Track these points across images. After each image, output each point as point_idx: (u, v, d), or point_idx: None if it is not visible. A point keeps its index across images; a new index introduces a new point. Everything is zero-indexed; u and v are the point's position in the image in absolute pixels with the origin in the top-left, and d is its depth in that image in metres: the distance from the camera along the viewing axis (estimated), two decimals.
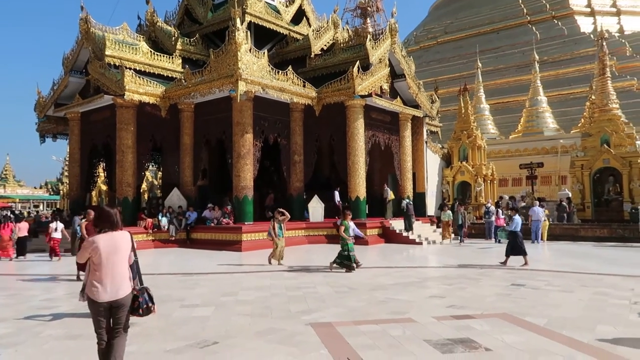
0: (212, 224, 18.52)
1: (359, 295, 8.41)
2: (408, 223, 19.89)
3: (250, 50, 18.09)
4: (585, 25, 41.47)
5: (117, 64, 18.98)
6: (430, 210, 24.26)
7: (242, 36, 17.56)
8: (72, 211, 21.38)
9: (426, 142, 25.07)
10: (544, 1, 44.15)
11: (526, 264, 11.96)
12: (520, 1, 45.28)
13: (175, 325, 6.40)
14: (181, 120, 20.26)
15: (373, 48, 20.64)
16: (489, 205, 21.12)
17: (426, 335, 5.66)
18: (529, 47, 38.08)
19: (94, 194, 28.80)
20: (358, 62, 19.68)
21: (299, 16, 25.86)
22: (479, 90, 35.95)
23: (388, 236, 19.73)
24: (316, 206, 20.18)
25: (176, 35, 22.21)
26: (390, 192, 21.27)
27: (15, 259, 15.47)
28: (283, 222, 13.17)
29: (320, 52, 23.12)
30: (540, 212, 19.02)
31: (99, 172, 25.76)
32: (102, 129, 21.22)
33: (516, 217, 12.68)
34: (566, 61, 38.52)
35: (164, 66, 20.81)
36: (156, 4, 23.97)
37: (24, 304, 8.11)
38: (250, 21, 22.20)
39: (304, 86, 19.87)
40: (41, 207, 56.52)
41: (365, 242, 18.47)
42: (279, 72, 18.97)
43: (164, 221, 18.55)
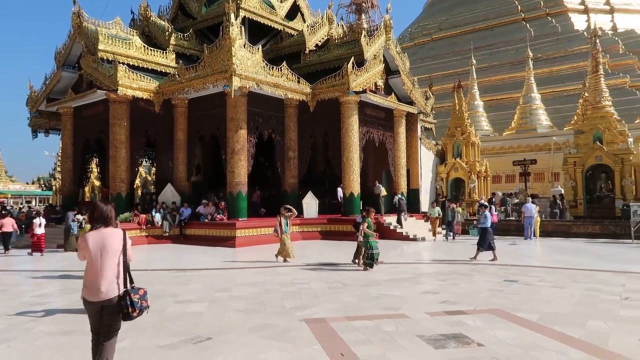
0: (206, 220, 18.49)
1: (352, 291, 8.44)
2: (399, 218, 19.98)
3: (244, 45, 18.02)
4: (578, 22, 41.61)
5: (110, 58, 18.85)
6: (424, 207, 24.33)
7: (236, 31, 17.48)
8: (64, 207, 21.25)
9: (420, 139, 25.13)
10: None
11: (495, 259, 12.21)
12: None
13: (169, 320, 6.40)
14: (175, 116, 20.17)
15: (368, 44, 20.62)
16: (482, 201, 21.18)
17: (419, 331, 5.69)
18: (523, 44, 38.18)
19: (86, 189, 28.66)
20: (353, 58, 19.67)
21: (294, 12, 25.78)
22: (473, 87, 36.04)
23: (382, 232, 19.70)
24: (310, 202, 20.19)
25: (170, 30, 22.08)
26: (382, 188, 21.30)
27: (2, 254, 15.46)
28: (289, 219, 13.05)
29: (314, 48, 23.07)
30: (533, 209, 19.13)
31: (92, 168, 25.61)
32: (95, 124, 21.09)
33: (486, 213, 12.87)
34: (560, 58, 38.65)
35: (158, 61, 20.69)
36: None
37: (15, 299, 8.07)
38: (245, 16, 22.10)
39: (299, 82, 19.84)
40: (33, 202, 56.15)
41: None
42: (273, 67, 18.92)
43: (157, 217, 18.49)
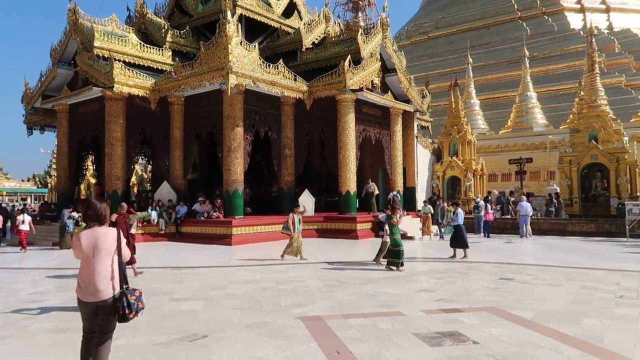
0: (202, 218, 18.46)
1: (348, 289, 8.45)
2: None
3: (241, 43, 17.97)
4: (575, 21, 41.72)
5: (106, 55, 18.77)
6: (420, 205, 24.35)
7: (233, 29, 17.44)
8: (60, 204, 21.19)
9: (417, 137, 25.15)
10: None
11: (465, 257, 12.38)
12: None
13: (165, 318, 6.39)
14: (171, 113, 20.12)
15: (364, 42, 20.61)
16: (478, 200, 21.24)
17: (415, 329, 5.71)
18: (519, 43, 38.26)
19: (82, 187, 28.59)
20: (349, 56, 19.65)
21: (290, 9, 25.73)
22: (469, 85, 36.08)
23: (378, 231, 19.77)
24: (307, 200, 20.17)
25: (166, 27, 21.99)
26: (375, 186, 21.30)
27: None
28: (300, 217, 12.98)
29: (311, 46, 23.04)
30: (528, 207, 19.20)
31: (87, 165, 25.52)
32: (90, 121, 21.01)
33: (459, 211, 13.00)
34: (556, 57, 38.75)
35: (154, 58, 20.62)
36: None
37: (11, 297, 8.05)
38: (241, 14, 22.04)
39: (295, 80, 19.81)
40: (29, 200, 55.93)
41: (356, 236, 18.55)
42: (269, 65, 18.89)
43: (153, 215, 18.45)
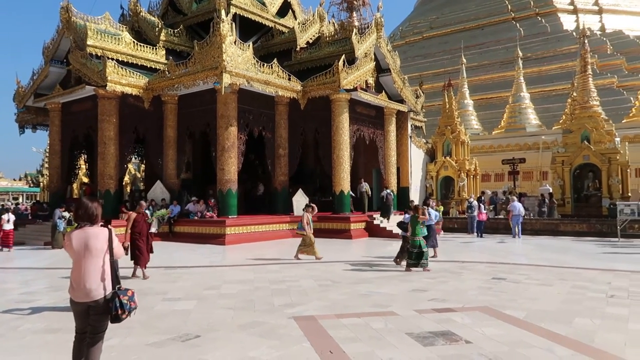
0: (196, 218, 18.41)
1: (342, 288, 8.45)
2: (386, 212, 20.02)
3: (235, 42, 17.94)
4: (568, 22, 41.98)
5: (99, 54, 18.68)
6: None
7: (227, 28, 17.40)
8: (52, 204, 21.05)
9: (410, 137, 25.21)
10: None
11: (435, 256, 12.50)
12: None
13: (157, 318, 6.37)
14: (165, 112, 20.05)
15: (359, 42, 20.63)
16: (471, 200, 21.33)
17: (408, 328, 5.72)
18: (512, 44, 38.44)
19: (74, 186, 28.40)
20: (343, 56, 19.67)
21: (285, 9, 25.71)
22: (463, 85, 36.21)
23: (372, 230, 19.83)
24: (300, 200, 20.18)
25: (160, 26, 21.91)
26: (367, 186, 21.33)
27: None
28: (313, 217, 12.93)
29: (305, 46, 23.03)
30: (520, 208, 19.29)
31: (80, 164, 25.37)
32: (83, 120, 20.88)
33: (430, 211, 13.11)
34: (549, 58, 38.98)
35: (147, 57, 20.54)
36: None
37: (1, 297, 7.98)
38: (236, 13, 22.00)
39: (289, 79, 19.80)
40: (20, 199, 55.50)
41: (349, 236, 18.57)
42: (264, 64, 18.87)
43: (146, 214, 18.33)
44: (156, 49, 21.01)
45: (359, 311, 6.70)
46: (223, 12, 17.67)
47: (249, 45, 18.74)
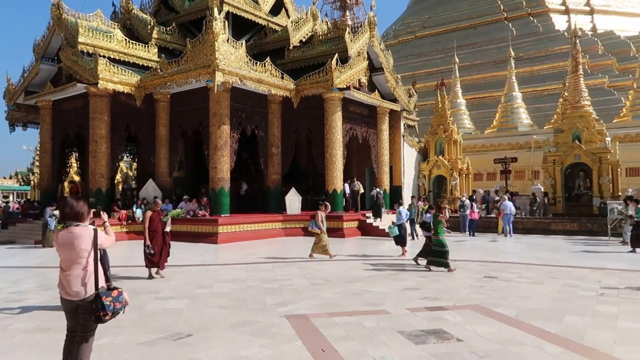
0: (188, 216, 18.33)
1: (334, 287, 8.46)
2: (377, 211, 20.04)
3: (227, 40, 17.87)
4: (559, 23, 42.26)
5: (91, 51, 18.54)
6: (406, 204, 24.47)
7: (220, 26, 17.33)
8: (43, 202, 20.89)
9: (403, 136, 25.27)
10: None
11: (403, 255, 12.70)
12: None
13: (149, 317, 6.34)
14: (157, 111, 19.95)
15: (352, 41, 20.63)
16: (463, 199, 21.42)
17: (400, 327, 5.73)
18: (505, 44, 38.64)
19: (66, 184, 28.18)
20: (337, 55, 19.66)
21: (278, 7, 25.67)
22: (455, 85, 36.34)
23: (364, 229, 19.85)
24: (293, 199, 20.17)
25: (152, 24, 21.79)
26: (359, 185, 21.35)
27: None
28: (324, 215, 12.90)
29: (298, 44, 23.01)
30: (511, 206, 19.38)
31: (71, 163, 25.19)
32: (74, 118, 20.74)
33: (402, 210, 13.18)
34: (541, 58, 39.21)
35: (140, 55, 20.41)
36: None
37: None
38: (228, 11, 21.93)
39: (282, 78, 19.77)
40: (11, 197, 55.01)
41: (342, 235, 18.58)
42: (257, 63, 18.82)
43: (138, 213, 18.28)
44: (148, 46, 20.89)
45: (351, 310, 6.71)
46: (216, 10, 17.60)
47: (241, 44, 18.69)
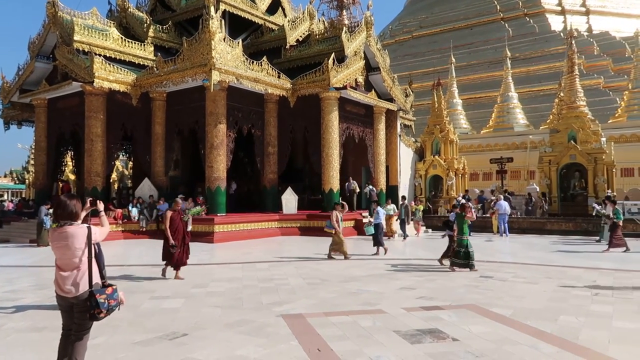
0: None
1: (330, 286, 8.46)
2: (371, 210, 20.03)
3: (224, 39, 17.84)
4: (555, 23, 42.38)
5: (87, 50, 18.46)
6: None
7: (216, 25, 17.30)
8: (37, 201, 20.80)
9: (400, 136, 25.30)
10: None
11: (377, 254, 12.88)
12: None
13: (144, 316, 6.32)
14: (153, 109, 19.89)
15: (348, 40, 20.64)
16: (459, 198, 21.45)
17: (396, 326, 5.74)
18: (501, 44, 38.73)
19: (61, 183, 28.07)
20: (333, 54, 19.66)
21: (275, 6, 25.63)
22: (452, 85, 36.40)
23: (361, 228, 19.83)
24: (289, 198, 20.16)
25: (148, 22, 21.72)
26: (355, 184, 21.35)
27: None
28: (342, 215, 12.86)
29: (295, 43, 22.99)
30: (506, 206, 19.42)
31: (66, 161, 25.08)
32: (70, 116, 20.65)
33: (380, 209, 13.24)
34: (537, 58, 39.32)
35: (136, 53, 20.34)
36: None
37: None
38: (225, 10, 21.88)
39: (279, 77, 19.75)
40: (5, 196, 54.75)
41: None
42: (253, 62, 18.79)
43: (134, 212, 18.24)
44: (144, 45, 20.82)
45: (347, 309, 6.71)
46: (212, 9, 17.57)
47: (238, 43, 18.65)
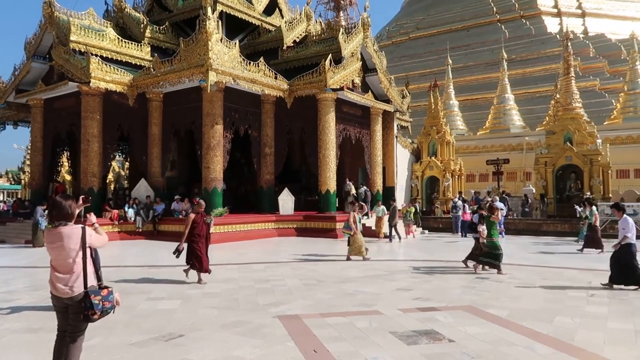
0: (180, 216, 18.26)
1: (327, 287, 8.46)
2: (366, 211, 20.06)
3: (221, 40, 17.82)
4: (551, 25, 42.53)
5: (83, 50, 18.40)
6: (400, 205, 24.52)
7: (213, 25, 17.28)
8: (33, 201, 20.72)
9: (396, 137, 25.34)
10: (513, 0, 45.02)
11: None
12: (490, 0, 46.08)
13: (140, 318, 6.31)
14: (149, 110, 19.86)
15: (345, 42, 20.65)
16: (456, 200, 21.51)
17: (392, 327, 5.75)
18: (497, 46, 38.82)
19: (55, 184, 27.97)
20: (330, 56, 19.66)
21: (272, 7, 25.62)
22: (448, 86, 36.48)
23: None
24: (286, 199, 20.16)
25: (145, 23, 21.68)
26: (351, 185, 21.37)
27: None
28: (361, 215, 12.73)
29: (292, 44, 22.98)
30: (501, 207, 19.46)
31: (62, 162, 24.99)
32: (66, 116, 20.58)
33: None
34: (533, 60, 39.44)
35: (132, 54, 20.30)
36: None
37: None
38: (222, 10, 21.87)
39: (276, 78, 19.74)
40: (1, 196, 54.52)
41: (335, 235, 18.59)
42: (250, 63, 18.78)
43: (130, 212, 18.19)
44: (141, 45, 20.79)
45: (343, 310, 6.72)
46: (209, 10, 17.55)
47: (235, 43, 18.64)
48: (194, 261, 8.92)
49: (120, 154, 27.81)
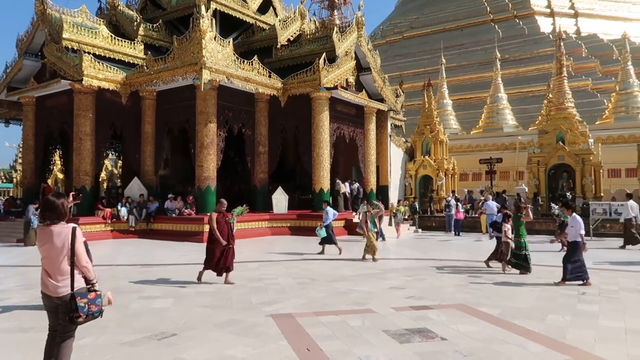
0: (174, 215, 18.21)
1: (320, 286, 8.47)
2: (356, 207, 20.12)
3: (215, 38, 17.77)
4: (545, 25, 42.73)
5: (76, 47, 18.29)
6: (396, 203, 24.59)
7: (207, 24, 17.23)
8: (25, 200, 20.58)
9: (390, 136, 25.38)
10: (506, 0, 45.20)
11: (323, 253, 13.22)
12: (484, 0, 46.24)
13: (133, 317, 6.29)
14: (143, 108, 19.77)
15: (339, 40, 20.66)
16: (449, 199, 21.56)
17: (385, 326, 5.77)
18: (491, 45, 38.93)
19: (49, 182, 27.80)
20: (324, 54, 19.67)
21: (266, 5, 25.56)
22: (442, 85, 36.56)
23: (351, 228, 19.86)
24: (280, 198, 20.14)
25: (138, 20, 21.57)
26: (342, 185, 21.38)
27: None
28: (375, 216, 12.58)
29: (286, 43, 22.96)
30: (494, 207, 19.53)
31: (55, 160, 24.84)
32: (58, 115, 20.45)
33: (329, 209, 13.58)
34: (526, 60, 39.62)
35: (125, 52, 20.18)
36: None
37: None
38: (216, 9, 21.78)
39: (270, 77, 19.72)
40: None
41: None
42: (244, 61, 18.74)
43: (123, 211, 18.11)
44: (134, 43, 20.68)
45: (336, 309, 6.73)
46: (203, 8, 17.48)
47: (229, 42, 18.59)
48: (207, 258, 8.91)
49: (113, 153, 27.69)
